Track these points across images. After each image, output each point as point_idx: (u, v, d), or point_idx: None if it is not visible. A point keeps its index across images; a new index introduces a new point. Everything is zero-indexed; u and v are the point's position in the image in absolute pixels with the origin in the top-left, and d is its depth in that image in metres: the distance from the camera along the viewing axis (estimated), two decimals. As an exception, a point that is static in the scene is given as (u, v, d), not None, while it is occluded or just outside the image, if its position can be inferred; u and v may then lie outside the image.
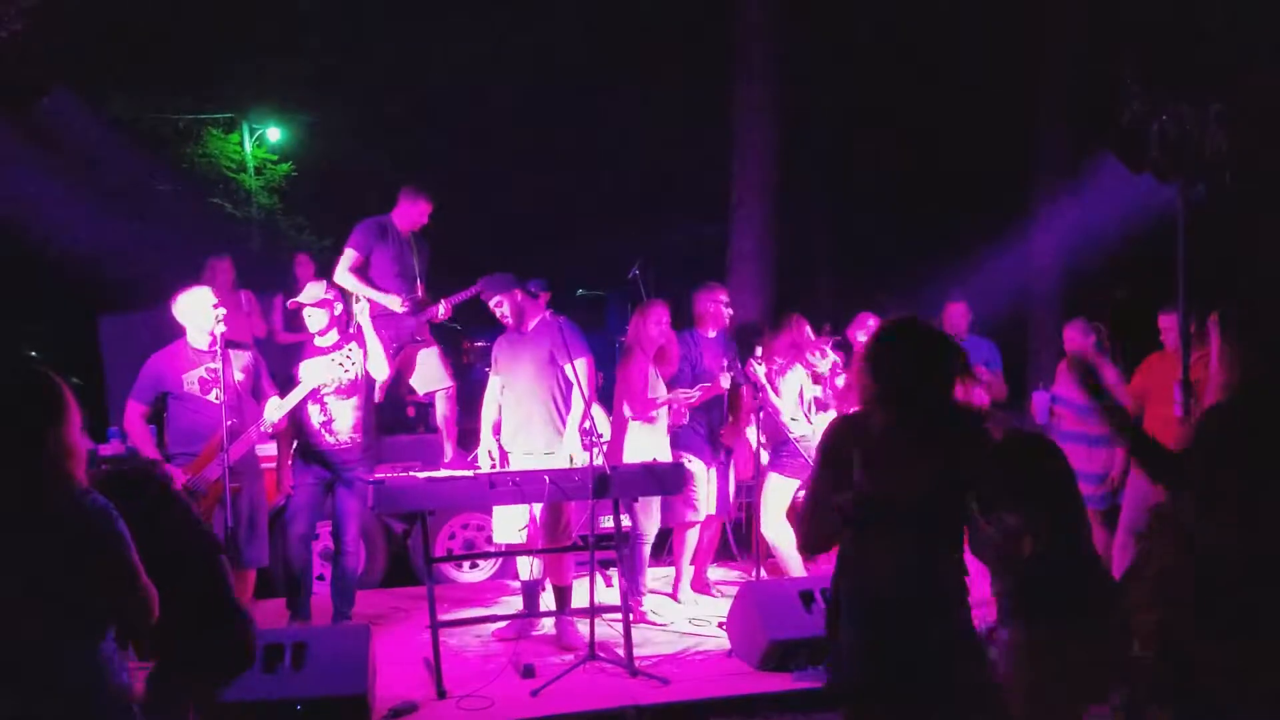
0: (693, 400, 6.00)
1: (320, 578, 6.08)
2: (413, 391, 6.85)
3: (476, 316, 7.54)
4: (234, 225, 13.83)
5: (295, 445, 5.51)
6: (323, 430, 5.44)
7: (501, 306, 5.56)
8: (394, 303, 6.39)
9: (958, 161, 11.55)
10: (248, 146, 14.42)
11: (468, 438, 6.45)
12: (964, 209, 10.87)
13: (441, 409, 6.61)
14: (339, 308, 5.58)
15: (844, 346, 6.60)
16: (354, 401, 5.47)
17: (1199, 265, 5.37)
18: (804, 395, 6.18)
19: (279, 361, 5.95)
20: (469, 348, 9.12)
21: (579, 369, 5.33)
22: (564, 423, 5.47)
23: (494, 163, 13.71)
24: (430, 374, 6.62)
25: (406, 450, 6.79)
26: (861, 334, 6.59)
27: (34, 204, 7.48)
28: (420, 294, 6.59)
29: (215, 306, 4.99)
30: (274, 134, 14.48)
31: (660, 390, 5.92)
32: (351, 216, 6.70)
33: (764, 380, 6.06)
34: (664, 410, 5.92)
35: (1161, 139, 5.32)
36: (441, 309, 6.64)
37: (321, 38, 13.73)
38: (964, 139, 11.42)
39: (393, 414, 8.24)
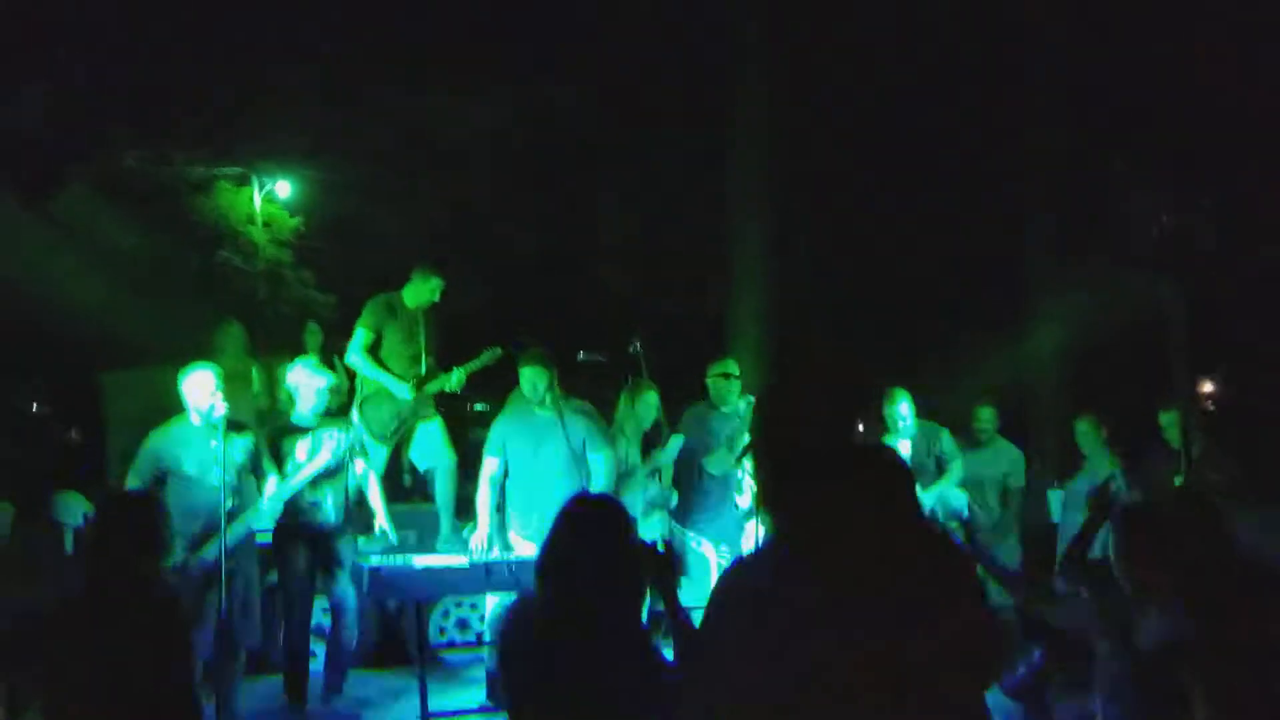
0: None
1: (313, 655, 6.03)
2: (413, 465, 6.83)
3: (475, 383, 7.57)
4: (240, 278, 13.94)
5: (281, 525, 5.48)
6: (313, 509, 5.44)
7: (537, 380, 5.46)
8: (402, 389, 6.39)
9: (952, 244, 11.55)
10: (258, 201, 14.58)
11: (465, 506, 6.41)
12: (959, 291, 10.91)
13: (441, 485, 6.59)
14: (336, 383, 5.64)
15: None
16: (341, 479, 5.51)
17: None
18: None
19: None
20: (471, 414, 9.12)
21: (604, 463, 5.36)
22: None
23: (496, 221, 13.84)
24: (430, 449, 6.62)
25: (401, 520, 6.74)
26: (899, 409, 6.36)
27: (41, 276, 7.61)
28: (425, 371, 6.59)
29: (216, 392, 5.01)
30: (283, 188, 14.66)
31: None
32: (358, 272, 6.71)
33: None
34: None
35: (1156, 233, 5.40)
36: (455, 379, 6.60)
37: (334, 95, 13.93)
38: (958, 222, 11.43)
39: (389, 482, 8.24)
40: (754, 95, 9.23)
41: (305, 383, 5.57)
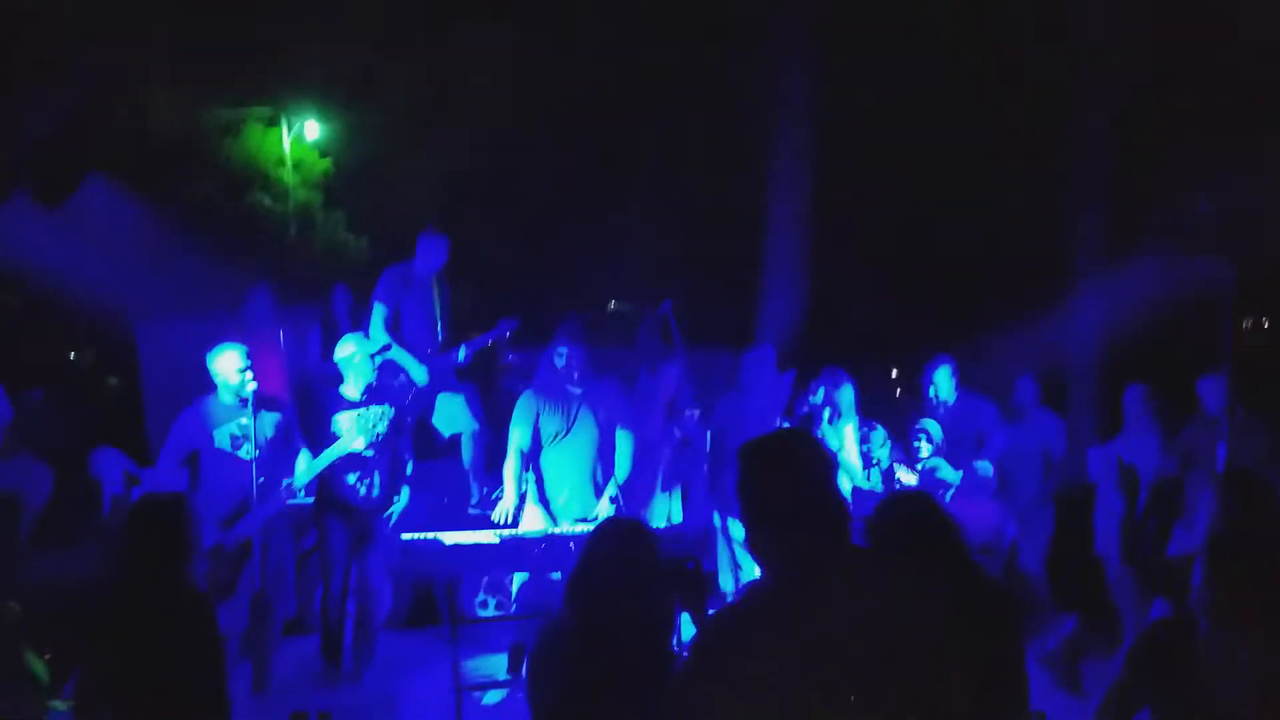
0: None
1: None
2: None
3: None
4: (271, 221, 13.90)
5: (321, 496, 5.52)
6: (353, 484, 5.46)
7: (572, 357, 5.42)
8: (420, 375, 6.34)
9: (997, 229, 11.18)
10: (287, 142, 14.47)
11: (495, 460, 6.37)
12: (1002, 277, 10.60)
13: (468, 451, 6.61)
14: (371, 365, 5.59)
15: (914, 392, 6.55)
16: (383, 454, 5.50)
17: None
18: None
19: (313, 400, 5.91)
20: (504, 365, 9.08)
21: (629, 443, 5.36)
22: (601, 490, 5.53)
23: (527, 167, 13.66)
24: (453, 417, 6.62)
25: (432, 477, 6.77)
26: (936, 379, 6.37)
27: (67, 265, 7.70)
28: (441, 338, 6.57)
29: (246, 369, 5.02)
30: (313, 129, 14.54)
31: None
32: (389, 212, 6.62)
33: None
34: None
35: (1213, 215, 5.24)
36: (461, 354, 6.60)
37: (366, 34, 13.68)
38: (1004, 210, 11.04)
39: (420, 440, 8.29)
40: (798, 61, 8.96)
41: (359, 360, 5.52)
